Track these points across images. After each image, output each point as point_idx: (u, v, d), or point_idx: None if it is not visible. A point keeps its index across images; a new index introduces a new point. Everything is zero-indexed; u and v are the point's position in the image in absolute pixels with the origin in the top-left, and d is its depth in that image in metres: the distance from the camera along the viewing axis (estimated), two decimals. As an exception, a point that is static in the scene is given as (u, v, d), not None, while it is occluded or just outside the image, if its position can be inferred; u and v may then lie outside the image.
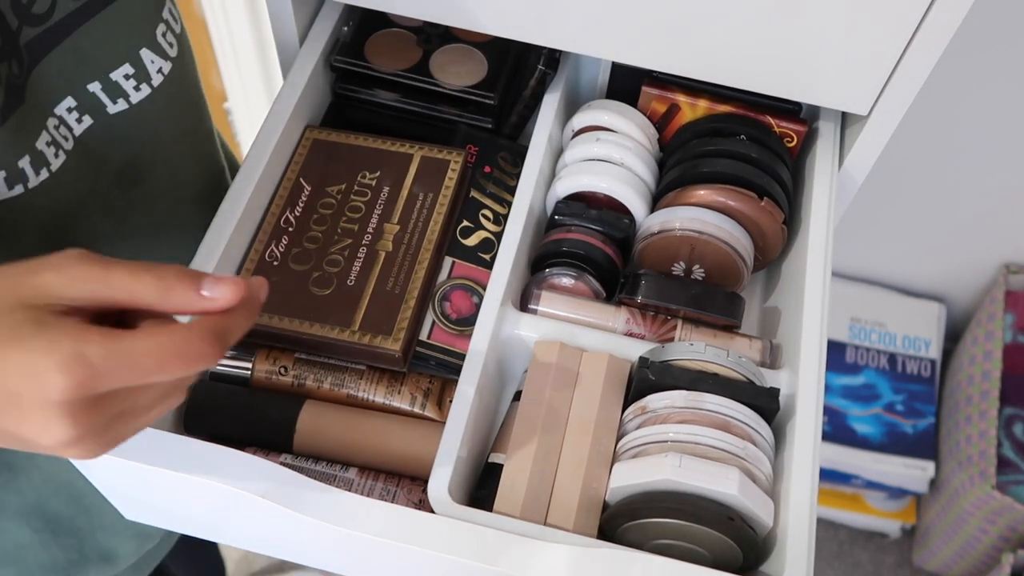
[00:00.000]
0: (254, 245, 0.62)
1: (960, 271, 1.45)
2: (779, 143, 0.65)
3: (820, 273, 0.60)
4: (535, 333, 0.59)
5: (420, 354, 0.61)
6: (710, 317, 0.60)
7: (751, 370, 0.56)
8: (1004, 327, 1.35)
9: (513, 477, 0.53)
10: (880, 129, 0.62)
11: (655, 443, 0.53)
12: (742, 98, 0.66)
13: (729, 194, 0.62)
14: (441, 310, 0.62)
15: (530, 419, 0.56)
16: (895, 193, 1.35)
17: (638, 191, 0.64)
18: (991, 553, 1.35)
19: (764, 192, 0.62)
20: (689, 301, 0.60)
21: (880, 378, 1.45)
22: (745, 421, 0.53)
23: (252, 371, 0.60)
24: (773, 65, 0.60)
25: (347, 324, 0.59)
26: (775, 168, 0.64)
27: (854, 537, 1.53)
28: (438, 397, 0.60)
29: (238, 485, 0.49)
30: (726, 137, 0.64)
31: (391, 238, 0.63)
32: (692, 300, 0.60)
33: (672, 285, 0.61)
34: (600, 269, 0.63)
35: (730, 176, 0.62)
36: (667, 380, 0.55)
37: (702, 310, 0.60)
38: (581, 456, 0.54)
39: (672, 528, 0.51)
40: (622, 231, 0.63)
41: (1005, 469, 1.30)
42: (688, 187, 0.63)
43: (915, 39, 0.56)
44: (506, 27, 0.63)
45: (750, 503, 0.50)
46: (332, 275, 0.61)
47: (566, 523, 0.52)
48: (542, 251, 0.64)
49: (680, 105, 0.66)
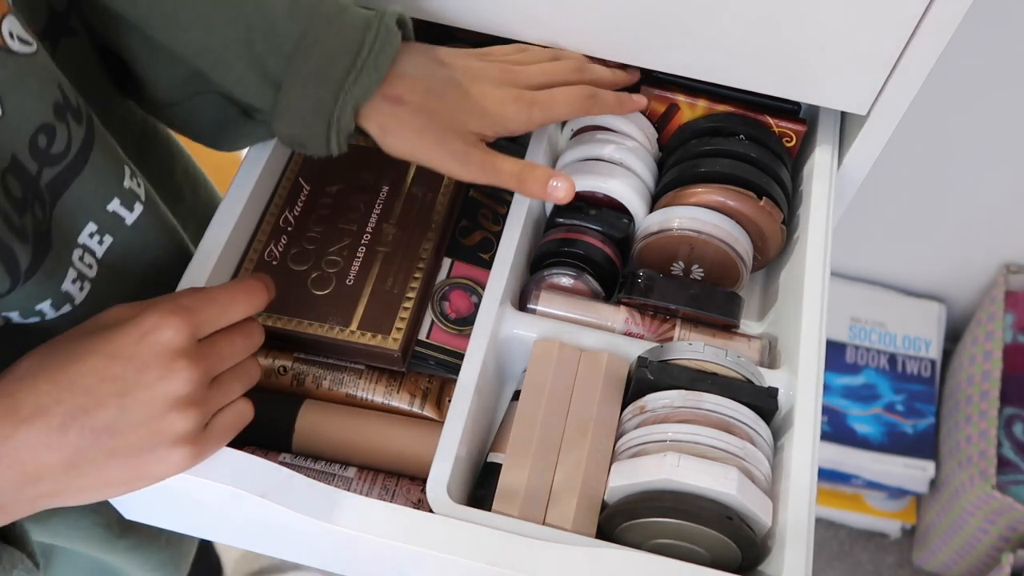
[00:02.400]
0: (253, 245, 0.62)
1: (960, 271, 1.45)
2: (778, 143, 0.65)
3: (819, 273, 0.60)
4: (534, 333, 0.59)
5: (419, 354, 0.61)
6: (709, 317, 0.60)
7: (750, 370, 0.56)
8: (1004, 327, 1.35)
9: (512, 476, 0.53)
10: (879, 129, 0.62)
11: (654, 442, 0.53)
12: (741, 98, 0.66)
13: (728, 194, 0.62)
14: (440, 309, 0.62)
15: (529, 419, 0.56)
16: (895, 193, 1.34)
17: (637, 191, 0.64)
18: (991, 553, 1.35)
19: (763, 192, 0.62)
20: (688, 301, 0.60)
21: (880, 378, 1.45)
22: (744, 421, 0.53)
23: (251, 371, 0.60)
24: (772, 65, 0.60)
25: (346, 323, 0.59)
26: (774, 168, 0.64)
27: (854, 537, 1.53)
28: (437, 397, 0.60)
29: (237, 485, 0.50)
30: (725, 137, 0.64)
31: (390, 238, 0.63)
32: (691, 300, 0.60)
33: (671, 285, 0.61)
34: (599, 269, 0.63)
35: (729, 176, 0.62)
36: (666, 380, 0.55)
37: (701, 310, 0.60)
38: (580, 456, 0.54)
39: (671, 528, 0.51)
40: (621, 231, 0.63)
41: (1005, 469, 1.29)
42: (687, 187, 0.63)
43: (914, 38, 0.56)
44: (506, 27, 0.63)
45: (749, 503, 0.50)
46: (331, 275, 0.61)
47: (565, 522, 0.52)
48: (541, 251, 0.64)
49: (679, 105, 0.66)
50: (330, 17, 0.53)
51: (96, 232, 0.51)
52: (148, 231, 0.55)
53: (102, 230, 0.51)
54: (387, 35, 0.53)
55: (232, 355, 0.48)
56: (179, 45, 0.53)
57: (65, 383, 0.43)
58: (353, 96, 0.52)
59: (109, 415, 0.43)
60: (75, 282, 0.50)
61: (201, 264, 0.58)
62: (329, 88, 0.52)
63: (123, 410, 0.43)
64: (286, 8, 0.52)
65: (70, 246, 0.49)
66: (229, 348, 0.48)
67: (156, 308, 0.46)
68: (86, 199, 0.50)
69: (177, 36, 0.53)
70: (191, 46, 0.53)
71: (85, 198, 0.49)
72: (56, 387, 0.43)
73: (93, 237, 0.51)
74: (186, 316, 0.45)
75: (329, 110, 0.52)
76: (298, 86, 0.52)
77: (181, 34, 0.53)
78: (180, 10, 0.52)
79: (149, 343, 0.44)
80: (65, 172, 0.48)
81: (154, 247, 0.56)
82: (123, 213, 0.52)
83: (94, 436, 0.43)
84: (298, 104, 0.53)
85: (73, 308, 0.50)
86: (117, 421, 0.43)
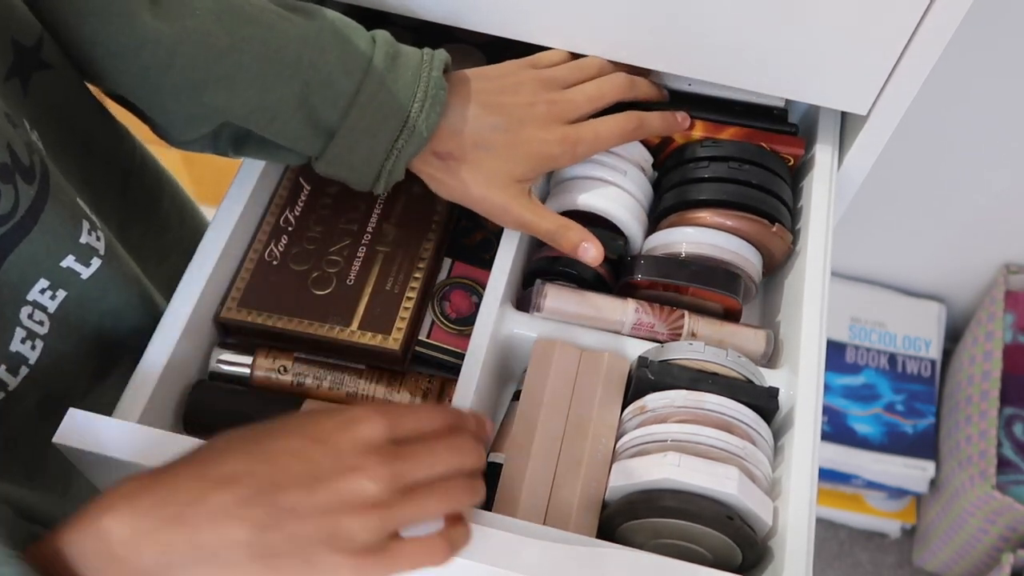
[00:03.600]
0: (253, 245, 0.62)
1: (960, 271, 1.45)
2: (779, 163, 0.64)
3: (819, 273, 0.60)
4: (534, 332, 0.59)
5: (419, 353, 0.61)
6: (712, 293, 0.60)
7: (750, 370, 0.56)
8: (1004, 327, 1.35)
9: (512, 476, 0.53)
10: (880, 129, 0.62)
11: (654, 442, 0.53)
12: (738, 123, 0.65)
13: (739, 220, 0.61)
14: (440, 309, 0.62)
15: (529, 418, 0.56)
16: (895, 193, 1.34)
17: (632, 212, 0.63)
18: (991, 553, 1.35)
19: (774, 218, 0.62)
20: (691, 277, 0.60)
21: (880, 378, 1.45)
22: (744, 421, 0.53)
23: (252, 371, 0.60)
24: (772, 65, 0.60)
25: (347, 323, 0.59)
26: (778, 190, 0.63)
27: (854, 537, 1.53)
28: (437, 396, 0.60)
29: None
30: (721, 160, 0.63)
31: (391, 237, 0.63)
32: (693, 276, 0.60)
33: (671, 263, 0.61)
34: (591, 289, 0.62)
35: (736, 203, 0.62)
36: (666, 379, 0.55)
37: (704, 285, 0.59)
38: (580, 455, 0.54)
39: (671, 528, 0.51)
40: (615, 251, 0.63)
41: (1005, 469, 1.29)
42: (692, 210, 0.62)
43: (914, 38, 0.56)
44: (505, 27, 0.63)
45: (749, 503, 0.50)
46: (332, 275, 0.61)
47: (565, 522, 0.52)
48: (534, 267, 0.63)
49: (673, 137, 0.65)
50: (383, 73, 0.54)
51: (48, 288, 0.50)
52: (107, 283, 0.53)
53: (55, 285, 0.50)
54: (436, 90, 0.55)
55: (431, 463, 0.44)
56: (234, 107, 0.54)
57: (260, 456, 0.41)
58: (406, 154, 0.55)
59: (297, 496, 0.40)
60: (24, 341, 0.49)
61: (201, 263, 0.59)
62: (382, 145, 0.55)
63: (310, 493, 0.41)
64: (339, 62, 0.54)
65: (17, 304, 0.48)
66: (427, 454, 0.44)
67: (362, 405, 0.47)
68: (38, 256, 0.48)
69: (233, 98, 0.53)
70: (247, 106, 0.54)
71: (37, 256, 0.48)
72: (251, 458, 0.41)
73: (44, 293, 0.50)
74: (388, 415, 0.44)
75: (380, 162, 0.56)
76: (351, 139, 0.54)
77: (237, 96, 0.53)
78: (239, 72, 0.53)
79: (348, 432, 0.42)
80: (11, 232, 0.46)
81: (112, 299, 0.54)
82: (78, 268, 0.51)
83: (278, 515, 0.40)
84: (349, 155, 0.55)
85: (31, 370, 0.49)
86: (301, 504, 0.40)
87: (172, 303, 0.57)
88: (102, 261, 0.52)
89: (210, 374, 0.60)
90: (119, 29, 0.51)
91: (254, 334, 0.60)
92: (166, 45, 0.52)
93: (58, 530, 0.40)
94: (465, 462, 0.46)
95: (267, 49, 0.53)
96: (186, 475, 0.41)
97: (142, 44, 0.52)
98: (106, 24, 0.51)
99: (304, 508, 0.40)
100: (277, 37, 0.53)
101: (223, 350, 0.60)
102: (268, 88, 0.53)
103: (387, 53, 0.55)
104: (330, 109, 0.54)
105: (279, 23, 0.54)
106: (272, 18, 0.54)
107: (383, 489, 0.41)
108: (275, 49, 0.53)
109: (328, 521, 0.40)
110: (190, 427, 0.58)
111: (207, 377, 0.60)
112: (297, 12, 0.55)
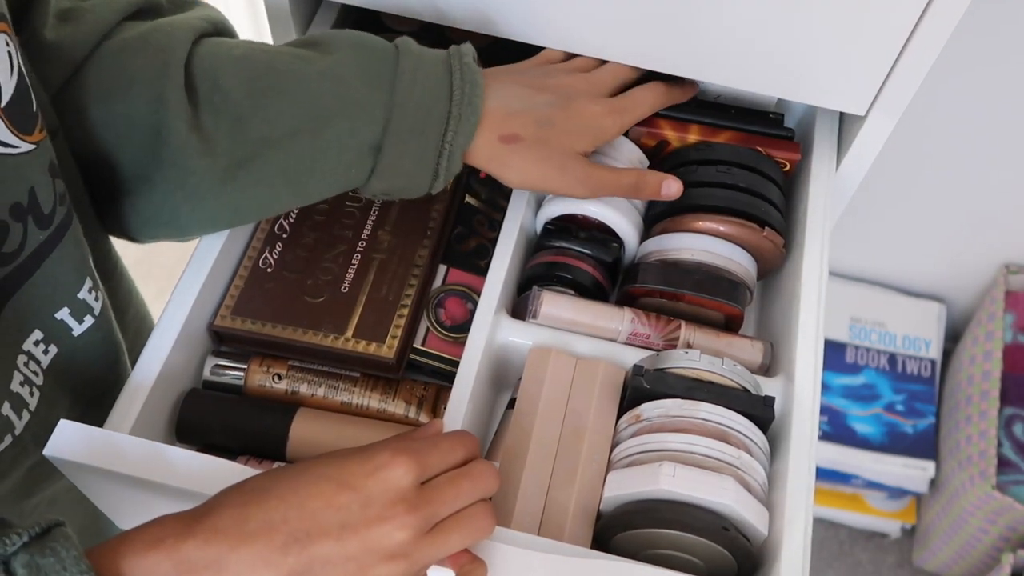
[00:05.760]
0: (248, 252, 0.62)
1: (960, 271, 1.45)
2: (773, 167, 0.64)
3: (816, 277, 0.59)
4: (529, 340, 0.59)
5: (414, 361, 0.61)
6: (715, 302, 0.59)
7: (746, 378, 0.55)
8: (1004, 327, 1.35)
9: (506, 486, 0.53)
10: (878, 129, 0.62)
11: (649, 452, 0.52)
12: (733, 127, 0.65)
13: (731, 224, 0.61)
14: (435, 317, 0.62)
15: (524, 427, 0.55)
16: (895, 193, 1.34)
17: (627, 216, 0.63)
18: (991, 553, 1.35)
19: (764, 222, 0.61)
20: (694, 286, 0.59)
21: (880, 378, 1.45)
22: (740, 430, 0.53)
23: (245, 379, 0.59)
24: (770, 65, 0.60)
25: (341, 331, 0.59)
26: (770, 195, 0.63)
27: (854, 537, 1.53)
28: (432, 404, 0.60)
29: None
30: (717, 165, 0.63)
31: (385, 244, 0.63)
32: (697, 285, 0.59)
33: (675, 272, 0.60)
34: (588, 293, 0.62)
35: (727, 209, 0.61)
36: (662, 388, 0.54)
37: (708, 295, 0.59)
38: (575, 465, 0.54)
39: (666, 538, 0.50)
40: (611, 255, 0.62)
41: (1005, 469, 1.29)
42: (686, 215, 0.62)
43: (913, 38, 0.56)
44: (504, 28, 0.62)
45: (745, 513, 0.50)
46: (326, 282, 0.61)
47: (560, 532, 0.52)
48: (530, 273, 0.63)
49: (669, 141, 0.65)
50: (412, 71, 0.54)
51: (41, 341, 0.50)
52: (98, 346, 0.54)
53: (47, 339, 0.50)
54: (472, 75, 0.55)
55: (456, 498, 0.46)
56: (311, 186, 0.54)
57: (295, 503, 0.42)
58: (458, 144, 0.54)
59: (328, 546, 0.42)
60: (23, 385, 0.49)
61: (196, 271, 0.58)
62: (432, 140, 0.54)
63: (341, 542, 0.42)
64: (360, 81, 0.53)
65: (15, 351, 0.48)
66: (453, 492, 0.46)
67: (387, 445, 0.45)
68: (37, 303, 0.48)
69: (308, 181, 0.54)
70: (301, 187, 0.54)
71: (36, 302, 0.48)
72: (285, 505, 0.42)
73: (38, 346, 0.50)
74: (415, 457, 0.45)
75: (434, 159, 0.54)
76: (399, 144, 0.53)
77: (310, 178, 0.53)
78: (318, 161, 0.53)
79: (378, 479, 0.44)
80: (16, 273, 0.46)
81: (99, 364, 0.55)
82: (70, 323, 0.51)
83: (309, 563, 0.41)
84: (401, 161, 0.54)
85: (31, 416, 0.49)
86: (333, 553, 0.42)
87: (165, 311, 0.57)
88: (95, 321, 0.53)
89: (204, 382, 0.60)
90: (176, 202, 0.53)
91: (248, 342, 0.60)
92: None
93: (96, 556, 0.40)
94: (485, 491, 0.47)
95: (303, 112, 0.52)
96: (230, 518, 0.42)
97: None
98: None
99: (335, 557, 0.42)
100: (308, 94, 0.53)
101: (217, 358, 0.60)
102: (326, 149, 0.53)
103: (411, 51, 0.55)
104: (372, 126, 0.53)
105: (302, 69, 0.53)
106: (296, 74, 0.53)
107: (411, 536, 0.43)
108: (309, 112, 0.52)
109: (357, 570, 0.42)
110: (183, 437, 0.58)
111: (200, 385, 0.60)
112: (310, 47, 0.55)
